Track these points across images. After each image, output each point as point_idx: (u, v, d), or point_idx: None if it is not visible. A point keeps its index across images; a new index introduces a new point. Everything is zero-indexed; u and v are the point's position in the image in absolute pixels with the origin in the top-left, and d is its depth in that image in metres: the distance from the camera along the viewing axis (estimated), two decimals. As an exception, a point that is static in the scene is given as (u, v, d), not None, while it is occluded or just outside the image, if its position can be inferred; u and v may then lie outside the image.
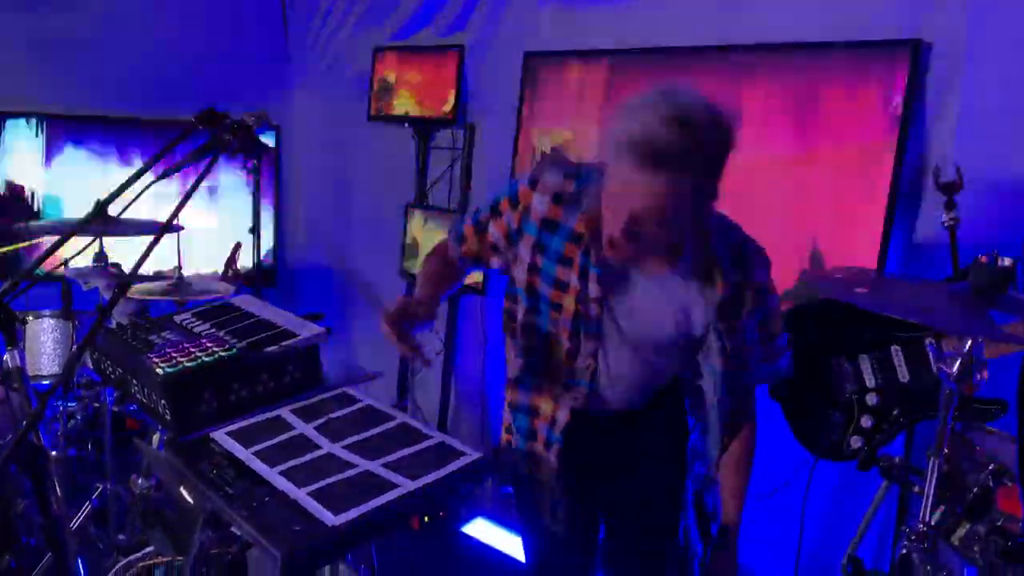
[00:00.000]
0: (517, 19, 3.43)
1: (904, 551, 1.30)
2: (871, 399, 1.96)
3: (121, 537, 2.17)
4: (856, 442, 1.97)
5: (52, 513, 1.49)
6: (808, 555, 2.58)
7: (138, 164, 4.17)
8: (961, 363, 1.27)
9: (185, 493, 2.11)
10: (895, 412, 1.94)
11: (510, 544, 3.23)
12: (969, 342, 1.28)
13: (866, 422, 1.97)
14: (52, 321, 3.02)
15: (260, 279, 3.87)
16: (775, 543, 2.70)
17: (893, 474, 1.60)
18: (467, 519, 3.42)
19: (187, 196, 1.83)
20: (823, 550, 2.50)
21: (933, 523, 1.29)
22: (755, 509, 2.62)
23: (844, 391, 2.00)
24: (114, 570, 2.06)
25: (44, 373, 3.02)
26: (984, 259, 1.29)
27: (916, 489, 1.43)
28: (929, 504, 1.30)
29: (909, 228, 2.31)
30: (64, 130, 4.08)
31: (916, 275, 1.99)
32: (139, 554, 2.07)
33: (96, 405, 3.18)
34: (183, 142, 1.92)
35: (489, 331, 3.59)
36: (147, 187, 2.00)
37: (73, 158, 4.10)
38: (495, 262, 1.85)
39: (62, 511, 1.53)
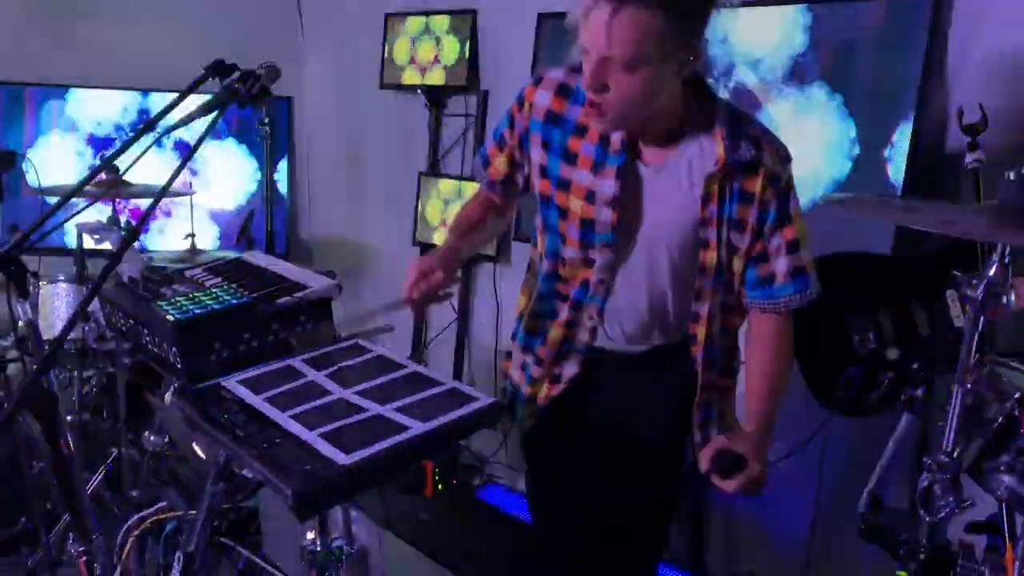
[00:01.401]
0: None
1: (926, 483, 1.27)
2: (890, 353, 1.93)
3: (134, 493, 2.17)
4: (875, 397, 1.94)
5: (63, 455, 1.48)
6: (824, 513, 2.56)
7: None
8: (987, 284, 1.24)
9: (197, 448, 2.11)
10: (915, 366, 1.91)
11: (525, 509, 3.22)
12: (995, 264, 1.24)
13: (885, 377, 1.93)
14: (66, 286, 3.02)
15: (272, 248, 3.86)
16: (791, 503, 2.68)
17: (916, 408, 1.57)
18: (480, 484, 3.42)
19: (196, 145, 1.81)
20: (840, 507, 2.48)
21: (955, 454, 1.26)
22: (773, 469, 2.61)
23: (863, 346, 1.97)
24: (126, 524, 2.07)
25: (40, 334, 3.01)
26: (1011, 175, 1.24)
27: (940, 424, 1.40)
28: (952, 434, 1.27)
29: (932, 174, 2.26)
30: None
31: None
32: (151, 509, 2.07)
33: (111, 371, 3.18)
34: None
35: (503, 298, 3.57)
36: (156, 140, 1.99)
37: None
38: (519, 177, 1.80)
39: (72, 455, 1.52)
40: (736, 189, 1.56)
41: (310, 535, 1.56)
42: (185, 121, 1.87)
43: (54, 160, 3.97)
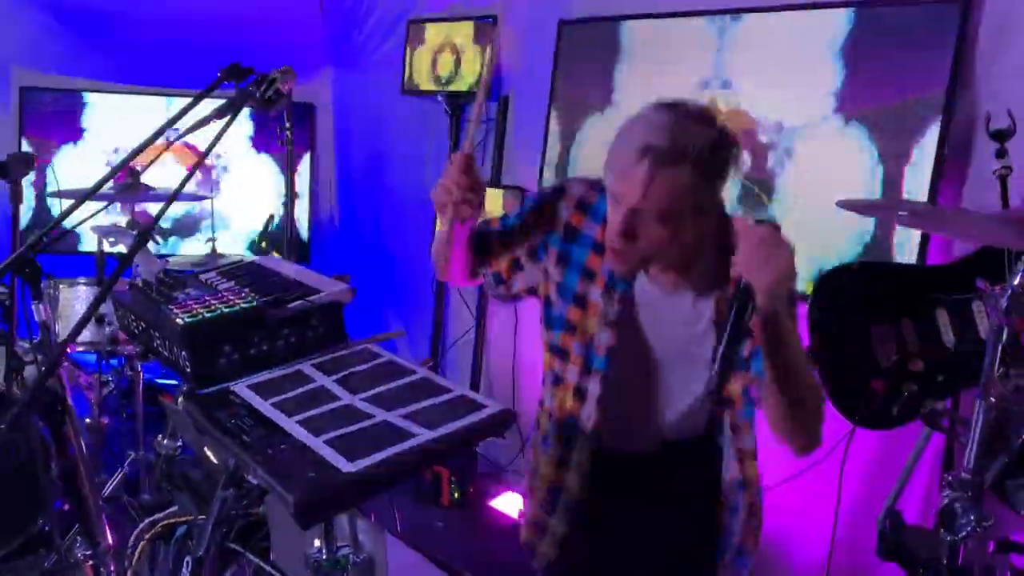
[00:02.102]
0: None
1: (946, 500, 1.22)
2: (915, 365, 1.88)
3: (146, 497, 2.16)
4: (900, 409, 1.88)
5: (70, 458, 1.47)
6: (844, 526, 2.50)
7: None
8: (1012, 294, 1.19)
9: (210, 453, 2.10)
10: (940, 378, 1.86)
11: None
12: (1021, 273, 1.19)
13: (909, 389, 1.88)
14: (85, 288, 3.04)
15: (292, 252, 3.86)
16: (811, 516, 2.62)
17: (938, 422, 1.52)
18: (496, 494, 3.39)
19: (211, 146, 1.81)
20: (861, 523, 2.42)
21: (977, 471, 1.21)
22: (791, 486, 2.57)
23: (887, 357, 1.92)
24: (138, 528, 2.06)
25: (78, 339, 3.03)
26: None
27: (962, 440, 1.35)
28: (974, 451, 1.22)
29: (958, 182, 2.22)
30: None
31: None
32: (162, 513, 2.06)
33: (130, 374, 3.19)
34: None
35: (521, 310, 3.55)
36: (172, 143, 1.99)
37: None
38: (516, 281, 1.76)
39: (83, 457, 1.52)
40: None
41: (316, 543, 1.53)
42: (200, 124, 1.87)
43: (78, 167, 4.01)
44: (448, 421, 1.39)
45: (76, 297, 3.02)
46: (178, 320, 1.61)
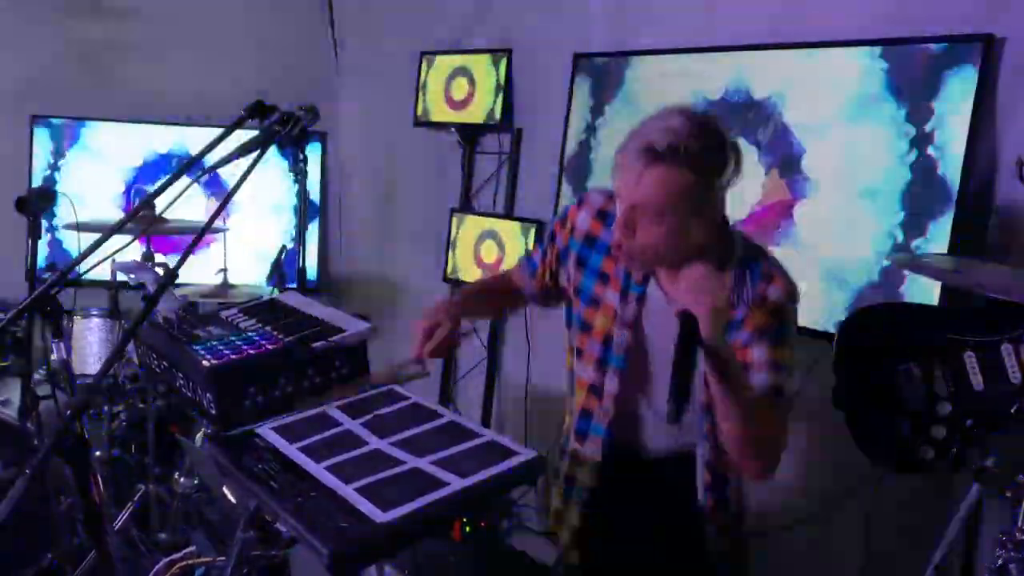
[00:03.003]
0: (567, 20, 3.38)
1: (1000, 561, 1.20)
2: (943, 408, 1.86)
3: (162, 536, 2.14)
4: (927, 454, 1.86)
5: (92, 500, 1.45)
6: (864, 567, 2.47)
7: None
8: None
9: (228, 493, 2.08)
10: (968, 423, 1.84)
11: (550, 555, 3.15)
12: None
13: (938, 433, 1.86)
14: (99, 321, 3.03)
15: (303, 284, 3.84)
16: (831, 559, 2.59)
17: (988, 479, 1.50)
18: (509, 529, 3.35)
19: (237, 185, 1.80)
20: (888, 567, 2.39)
21: (1033, 531, 1.19)
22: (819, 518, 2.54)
23: (913, 400, 1.90)
24: (155, 569, 2.03)
25: (90, 372, 3.02)
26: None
27: (1008, 494, 1.33)
28: None
29: (980, 226, 2.21)
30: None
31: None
32: (180, 553, 2.03)
33: (141, 407, 3.17)
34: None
35: (533, 337, 3.53)
36: (195, 180, 1.99)
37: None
38: (557, 288, 1.92)
39: (102, 500, 1.49)
40: (739, 320, 1.61)
41: (342, 589, 1.51)
42: (225, 161, 1.86)
43: (87, 195, 4.01)
44: (480, 469, 1.38)
45: (89, 329, 3.02)
46: (204, 362, 1.59)
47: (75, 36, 4.06)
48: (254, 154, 1.81)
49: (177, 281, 2.74)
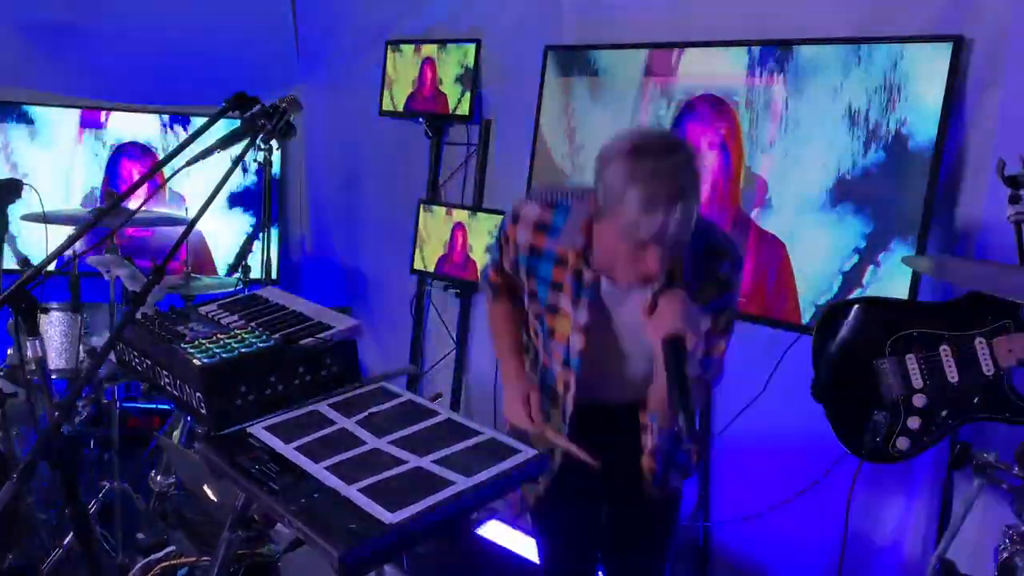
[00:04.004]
0: (537, 11, 3.37)
1: (1006, 555, 1.25)
2: (918, 400, 1.92)
3: (140, 536, 2.09)
4: (903, 444, 1.92)
5: (81, 504, 1.42)
6: (833, 555, 2.54)
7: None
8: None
9: (209, 492, 2.04)
10: (943, 414, 1.90)
11: (524, 547, 3.16)
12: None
13: (913, 423, 1.92)
14: (60, 314, 2.94)
15: (268, 277, 3.79)
16: (802, 544, 2.66)
17: (988, 473, 1.56)
18: (481, 521, 3.35)
19: (221, 182, 1.77)
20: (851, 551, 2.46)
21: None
22: (785, 509, 2.60)
23: (890, 392, 1.96)
24: (133, 570, 1.99)
25: (52, 367, 2.93)
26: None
27: (1005, 486, 1.38)
28: None
29: (947, 224, 2.28)
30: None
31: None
32: (160, 554, 1.99)
33: (105, 402, 3.10)
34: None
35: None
36: (173, 175, 1.94)
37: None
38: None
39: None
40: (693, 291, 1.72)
41: (340, 590, 1.50)
42: (204, 155, 1.82)
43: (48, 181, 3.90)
44: (484, 467, 1.38)
45: (50, 323, 2.92)
46: (195, 361, 1.56)
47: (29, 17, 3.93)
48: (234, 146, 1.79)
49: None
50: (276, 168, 4.31)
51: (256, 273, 3.83)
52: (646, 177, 1.57)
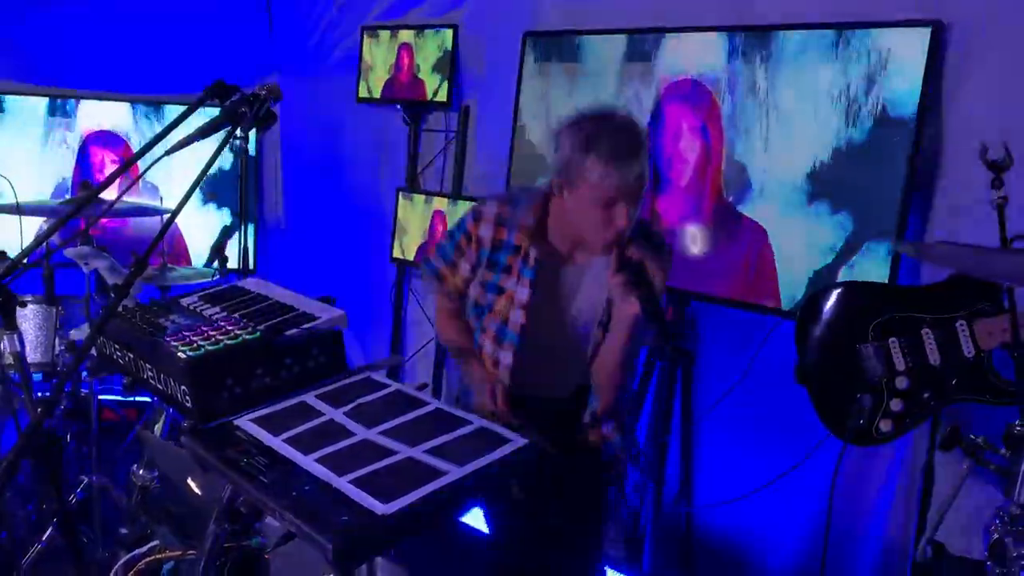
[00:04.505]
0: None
1: (996, 535, 1.26)
2: (901, 383, 1.94)
3: (124, 531, 2.07)
4: (885, 426, 1.94)
5: (64, 499, 1.39)
6: (815, 538, 2.57)
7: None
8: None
9: (193, 485, 2.02)
10: (925, 395, 1.92)
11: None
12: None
13: (896, 406, 1.94)
14: (35, 307, 2.89)
15: (245, 267, 3.76)
16: (784, 527, 2.69)
17: (977, 454, 1.58)
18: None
19: (203, 173, 1.74)
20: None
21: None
22: (767, 493, 2.62)
23: (873, 375, 1.97)
24: (116, 566, 1.97)
25: (28, 361, 2.87)
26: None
27: (992, 467, 1.40)
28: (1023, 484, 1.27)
29: (927, 208, 2.30)
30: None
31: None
32: (144, 548, 1.97)
33: (82, 395, 3.05)
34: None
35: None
36: (151, 165, 1.91)
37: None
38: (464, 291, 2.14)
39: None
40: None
41: (330, 582, 1.49)
42: (183, 144, 1.80)
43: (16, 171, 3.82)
44: (476, 457, 1.37)
45: (24, 317, 2.87)
46: (180, 354, 1.54)
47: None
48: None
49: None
50: (251, 157, 4.27)
51: (233, 263, 3.79)
52: (608, 133, 1.75)
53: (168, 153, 1.86)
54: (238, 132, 3.14)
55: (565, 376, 2.11)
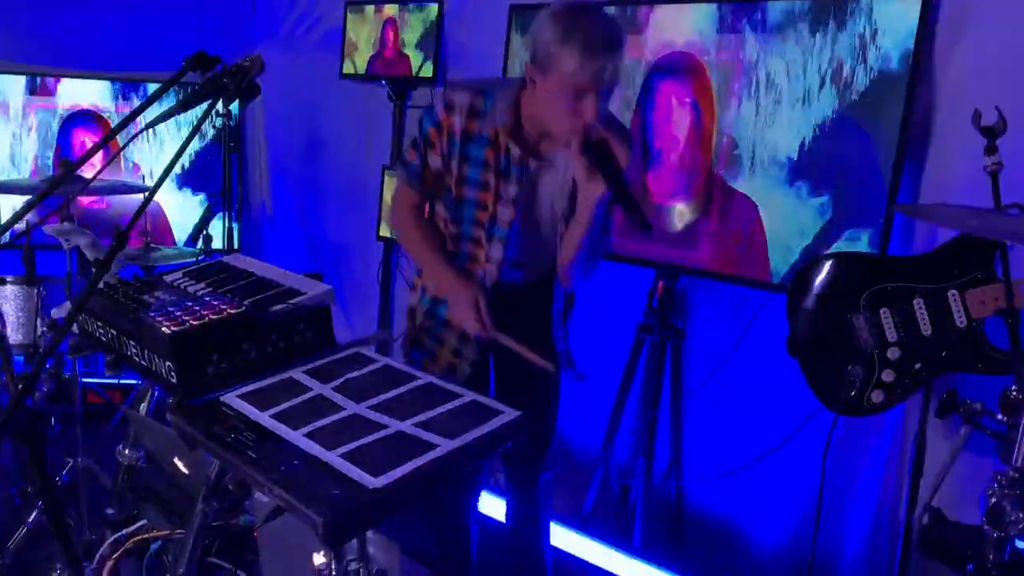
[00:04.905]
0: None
1: (994, 499, 1.26)
2: (892, 353, 1.93)
3: (110, 511, 2.04)
4: (877, 397, 1.94)
5: (49, 479, 1.37)
6: (805, 511, 2.57)
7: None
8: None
9: (180, 464, 1.99)
10: (917, 366, 1.92)
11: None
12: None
13: (887, 377, 1.93)
14: (15, 288, 2.84)
15: (229, 245, 3.71)
16: (776, 500, 2.69)
17: (975, 420, 1.57)
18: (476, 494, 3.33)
19: (183, 146, 1.71)
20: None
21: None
22: (758, 466, 2.63)
23: (864, 346, 1.97)
24: (103, 546, 1.94)
25: (10, 342, 2.83)
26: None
27: (989, 432, 1.39)
28: (1022, 448, 1.26)
29: (917, 174, 2.29)
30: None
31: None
32: (131, 528, 1.95)
33: (63, 377, 3.01)
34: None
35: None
36: (131, 139, 1.87)
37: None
38: (440, 184, 2.11)
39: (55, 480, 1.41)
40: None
41: (320, 558, 1.47)
42: (164, 118, 1.76)
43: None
44: (467, 429, 1.35)
45: (4, 298, 2.83)
46: (164, 330, 1.51)
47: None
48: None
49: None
50: (234, 133, 4.21)
51: (218, 243, 3.75)
52: (587, 25, 1.78)
53: (149, 127, 1.82)
54: (220, 108, 3.08)
55: (535, 268, 2.15)
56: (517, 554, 2.47)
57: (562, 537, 2.76)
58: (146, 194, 3.13)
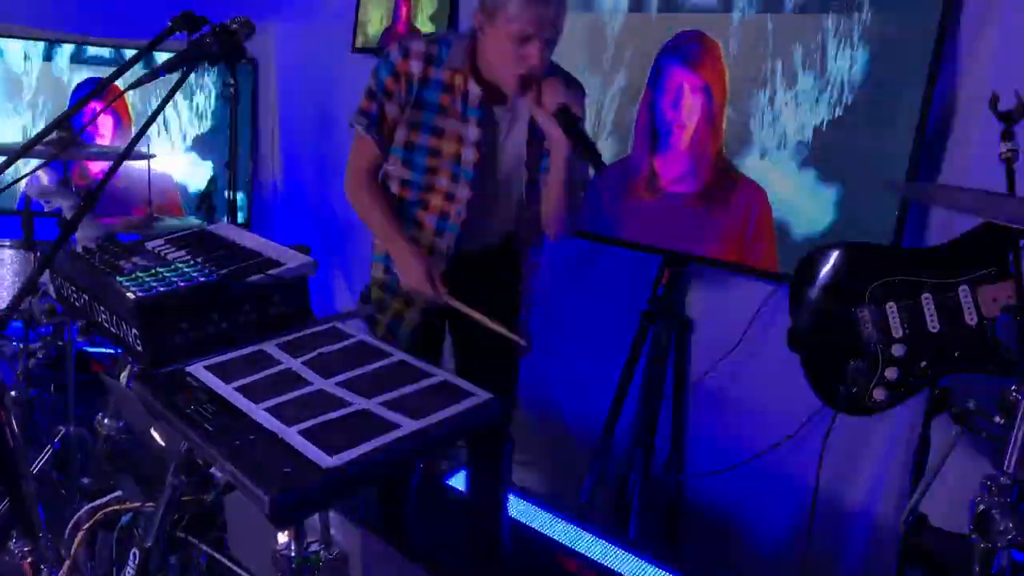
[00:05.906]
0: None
1: (983, 506, 1.17)
2: (897, 350, 1.84)
3: (85, 481, 2.00)
4: (880, 395, 1.85)
5: (8, 448, 1.32)
6: (808, 508, 2.49)
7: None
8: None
9: (156, 435, 1.95)
10: (923, 364, 1.82)
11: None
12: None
13: (891, 374, 1.84)
14: (12, 252, 2.81)
15: (234, 217, 3.67)
16: (776, 497, 2.61)
17: (970, 422, 1.48)
18: (452, 471, 3.30)
19: (161, 106, 1.65)
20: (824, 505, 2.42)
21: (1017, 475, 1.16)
22: (760, 463, 2.55)
23: (868, 341, 1.87)
24: (76, 516, 1.90)
25: (3, 307, 2.81)
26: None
27: (984, 435, 1.31)
28: (1015, 453, 1.17)
29: (936, 164, 2.19)
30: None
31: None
32: (104, 499, 1.91)
33: (60, 344, 2.99)
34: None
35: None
36: (116, 98, 1.82)
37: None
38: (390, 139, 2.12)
39: (19, 449, 1.37)
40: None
41: (282, 538, 1.42)
42: (149, 78, 1.70)
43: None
44: (433, 410, 1.29)
45: (1, 261, 2.80)
46: (129, 294, 1.46)
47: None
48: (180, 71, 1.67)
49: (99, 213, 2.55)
50: (247, 106, 4.18)
51: (222, 214, 3.71)
52: None
53: (132, 87, 1.77)
54: (229, 80, 3.00)
55: (499, 221, 2.18)
56: (477, 525, 2.49)
57: (555, 528, 2.70)
58: (151, 165, 3.09)
